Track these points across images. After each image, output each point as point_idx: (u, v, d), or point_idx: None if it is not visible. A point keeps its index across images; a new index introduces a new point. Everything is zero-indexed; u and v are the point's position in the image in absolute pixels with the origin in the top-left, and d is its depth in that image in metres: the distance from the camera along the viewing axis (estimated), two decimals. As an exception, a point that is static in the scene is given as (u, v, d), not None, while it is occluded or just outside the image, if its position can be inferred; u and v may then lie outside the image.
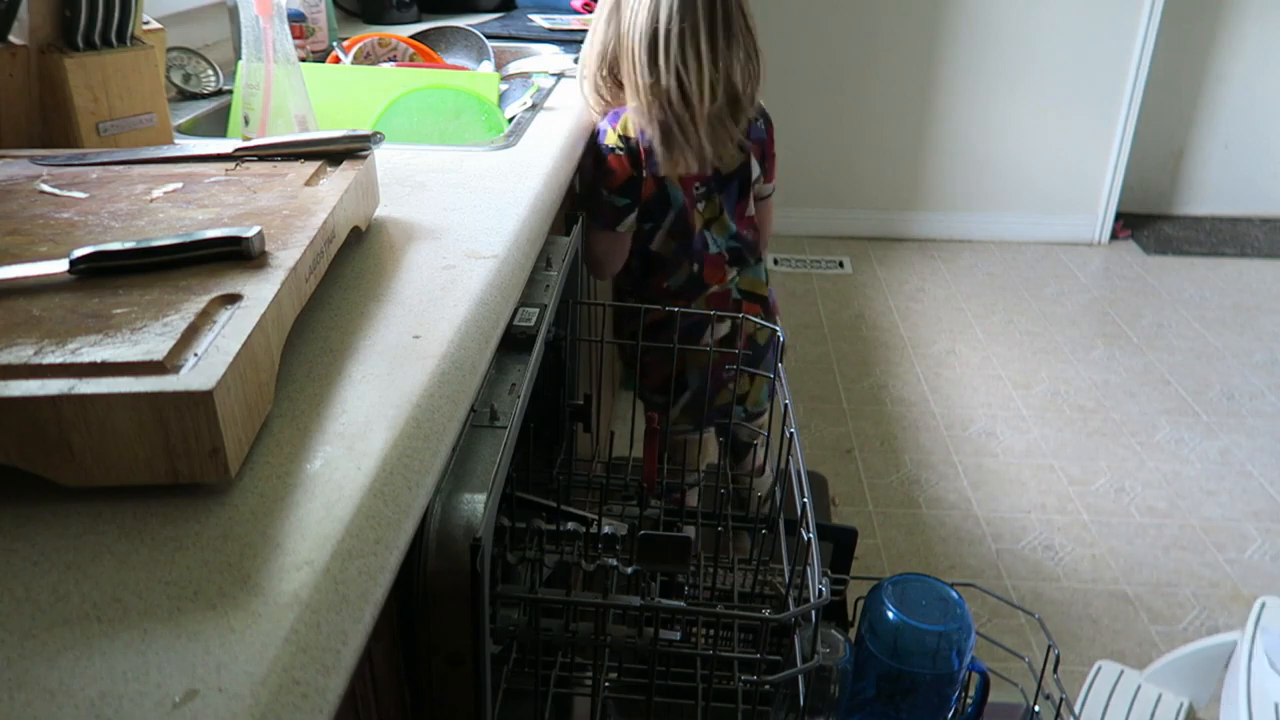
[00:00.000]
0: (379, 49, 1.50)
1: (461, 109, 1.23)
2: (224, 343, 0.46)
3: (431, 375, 0.57)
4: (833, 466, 2.22)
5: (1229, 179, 3.71)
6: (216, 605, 0.39)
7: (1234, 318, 2.99)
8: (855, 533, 1.08)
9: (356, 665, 0.42)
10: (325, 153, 0.75)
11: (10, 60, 0.80)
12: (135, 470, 0.44)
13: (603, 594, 0.64)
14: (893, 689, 0.87)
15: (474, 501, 0.55)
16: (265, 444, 0.49)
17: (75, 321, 0.48)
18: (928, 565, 1.91)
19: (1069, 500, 2.12)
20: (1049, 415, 2.45)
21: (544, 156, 1.04)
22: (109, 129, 0.85)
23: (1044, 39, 3.30)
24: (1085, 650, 1.71)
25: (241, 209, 0.64)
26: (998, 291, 3.17)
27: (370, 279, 0.70)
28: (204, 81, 1.33)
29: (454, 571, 0.53)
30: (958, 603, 0.88)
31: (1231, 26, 3.44)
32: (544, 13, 2.11)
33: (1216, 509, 2.10)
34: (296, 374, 0.56)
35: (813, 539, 0.63)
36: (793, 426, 0.78)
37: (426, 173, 0.95)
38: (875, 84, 3.40)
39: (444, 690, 0.58)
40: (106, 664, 0.36)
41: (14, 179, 0.69)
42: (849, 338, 2.85)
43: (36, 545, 0.42)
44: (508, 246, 0.77)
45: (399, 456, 0.50)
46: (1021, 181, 3.53)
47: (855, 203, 3.58)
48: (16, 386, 0.42)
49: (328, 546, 0.42)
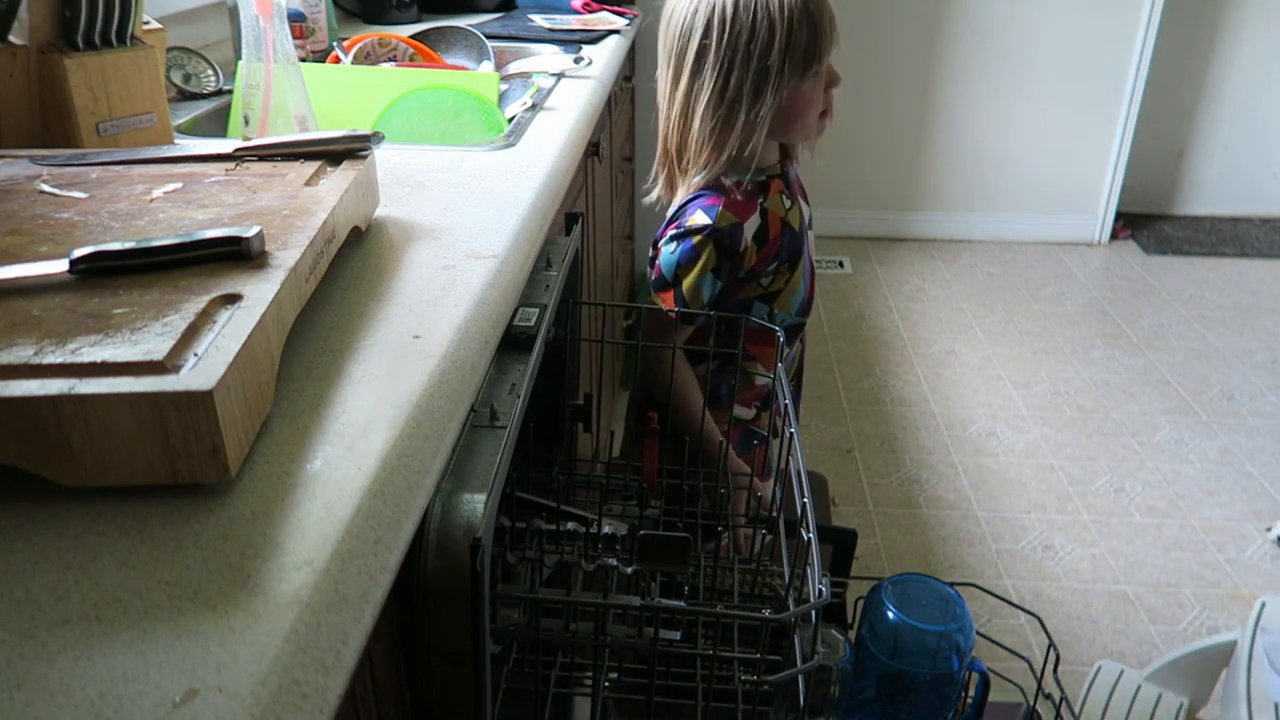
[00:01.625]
0: (379, 49, 1.50)
1: (461, 109, 1.23)
2: (224, 343, 0.46)
3: (431, 375, 0.57)
4: (833, 466, 2.22)
5: (1229, 179, 3.71)
6: (216, 605, 0.39)
7: (1234, 318, 2.99)
8: (855, 534, 1.08)
9: (356, 665, 0.42)
10: (325, 153, 0.75)
11: (10, 60, 0.80)
12: (135, 470, 0.44)
13: (603, 594, 0.64)
14: (893, 689, 0.87)
15: (474, 501, 0.55)
16: (265, 444, 0.49)
17: (75, 321, 0.48)
18: (928, 565, 1.91)
19: (1069, 500, 2.12)
20: (1049, 415, 2.45)
21: (544, 156, 1.04)
22: (109, 129, 0.85)
23: (1044, 39, 3.30)
24: (1085, 650, 1.71)
25: (241, 209, 0.64)
26: (998, 291, 3.17)
27: (370, 279, 0.70)
28: (204, 81, 1.33)
29: (454, 571, 0.53)
30: (958, 603, 0.88)
31: (1231, 27, 3.44)
32: (544, 13, 2.12)
33: (1216, 509, 2.10)
34: (296, 374, 0.56)
35: (813, 539, 0.63)
36: (793, 426, 0.78)
37: (426, 173, 0.95)
38: (875, 84, 3.40)
39: (444, 690, 0.58)
40: (106, 664, 0.36)
41: (14, 179, 0.69)
42: (849, 338, 2.85)
43: (36, 545, 0.42)
44: (508, 246, 0.77)
45: (399, 456, 0.50)
46: (1021, 181, 3.53)
47: (855, 203, 3.58)
48: (16, 386, 0.42)
49: (328, 546, 0.42)
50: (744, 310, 1.21)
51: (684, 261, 1.14)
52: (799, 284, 1.23)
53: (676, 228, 1.15)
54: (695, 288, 1.14)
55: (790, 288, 1.22)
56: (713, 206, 1.13)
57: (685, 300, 1.15)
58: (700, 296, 1.14)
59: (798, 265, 1.22)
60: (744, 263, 1.16)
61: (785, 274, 1.21)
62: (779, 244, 1.18)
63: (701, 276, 1.13)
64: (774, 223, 1.17)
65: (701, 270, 1.13)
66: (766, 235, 1.17)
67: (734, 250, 1.14)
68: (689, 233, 1.13)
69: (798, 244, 1.22)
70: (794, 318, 1.26)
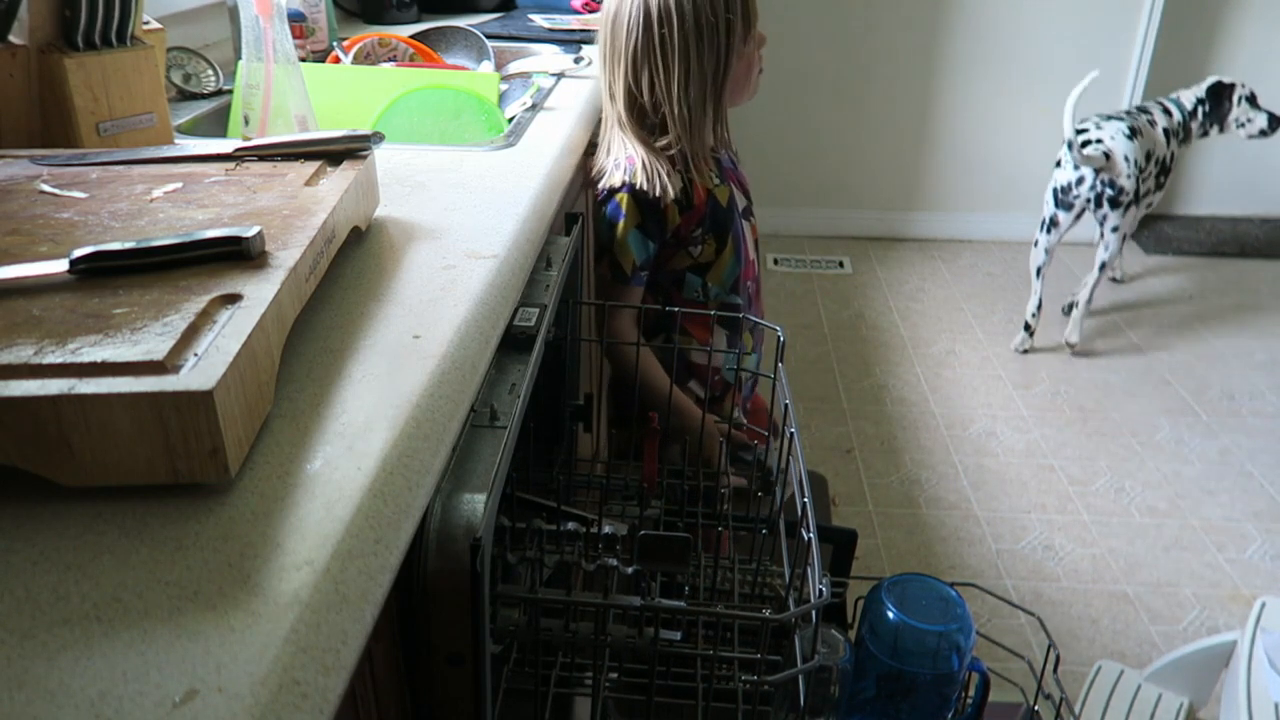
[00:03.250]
0: (379, 49, 1.50)
1: (461, 109, 1.23)
2: (224, 343, 0.46)
3: (431, 375, 0.57)
4: (833, 466, 2.22)
5: (1229, 179, 3.71)
6: (216, 605, 0.39)
7: (1234, 318, 2.99)
8: (855, 534, 1.08)
9: (356, 665, 0.42)
10: (325, 153, 0.75)
11: (10, 60, 0.80)
12: (135, 470, 0.44)
13: (603, 594, 0.64)
14: (893, 689, 0.87)
15: (474, 501, 0.55)
16: (265, 444, 0.49)
17: (75, 321, 0.48)
18: (928, 565, 1.91)
19: (1069, 500, 2.12)
20: (1049, 415, 2.45)
21: (544, 156, 1.04)
22: (109, 129, 0.84)
23: (1044, 39, 3.30)
24: (1085, 650, 1.71)
25: (241, 209, 0.64)
26: (998, 291, 3.17)
27: (370, 279, 0.70)
28: (204, 81, 1.33)
29: (454, 571, 0.53)
30: (958, 603, 0.88)
31: (1231, 26, 3.44)
32: (544, 13, 2.11)
33: (1216, 509, 2.10)
34: (296, 374, 0.56)
35: (813, 539, 0.63)
36: (793, 426, 0.78)
37: (426, 173, 0.95)
38: (875, 84, 3.40)
39: (444, 690, 0.58)
40: (106, 664, 0.36)
41: (14, 179, 0.69)
42: (849, 338, 2.85)
43: (36, 545, 0.42)
44: (508, 246, 0.77)
45: (399, 456, 0.50)
46: (1021, 181, 3.52)
47: (855, 203, 3.58)
48: (16, 386, 0.42)
49: (328, 546, 0.42)
50: (678, 282, 1.29)
51: (612, 221, 1.22)
52: (729, 258, 1.30)
53: (600, 194, 1.23)
54: (624, 244, 1.21)
55: (721, 261, 1.29)
56: (629, 165, 1.22)
57: (616, 261, 1.22)
58: (630, 253, 1.22)
59: (726, 240, 1.29)
60: (668, 221, 1.23)
61: (713, 244, 1.28)
62: (703, 211, 1.25)
63: (627, 232, 1.21)
64: (698, 191, 1.25)
65: (626, 226, 1.21)
66: (690, 200, 1.24)
67: (654, 206, 1.21)
68: (611, 193, 1.22)
69: (725, 220, 1.28)
70: (728, 295, 1.32)
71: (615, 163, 1.24)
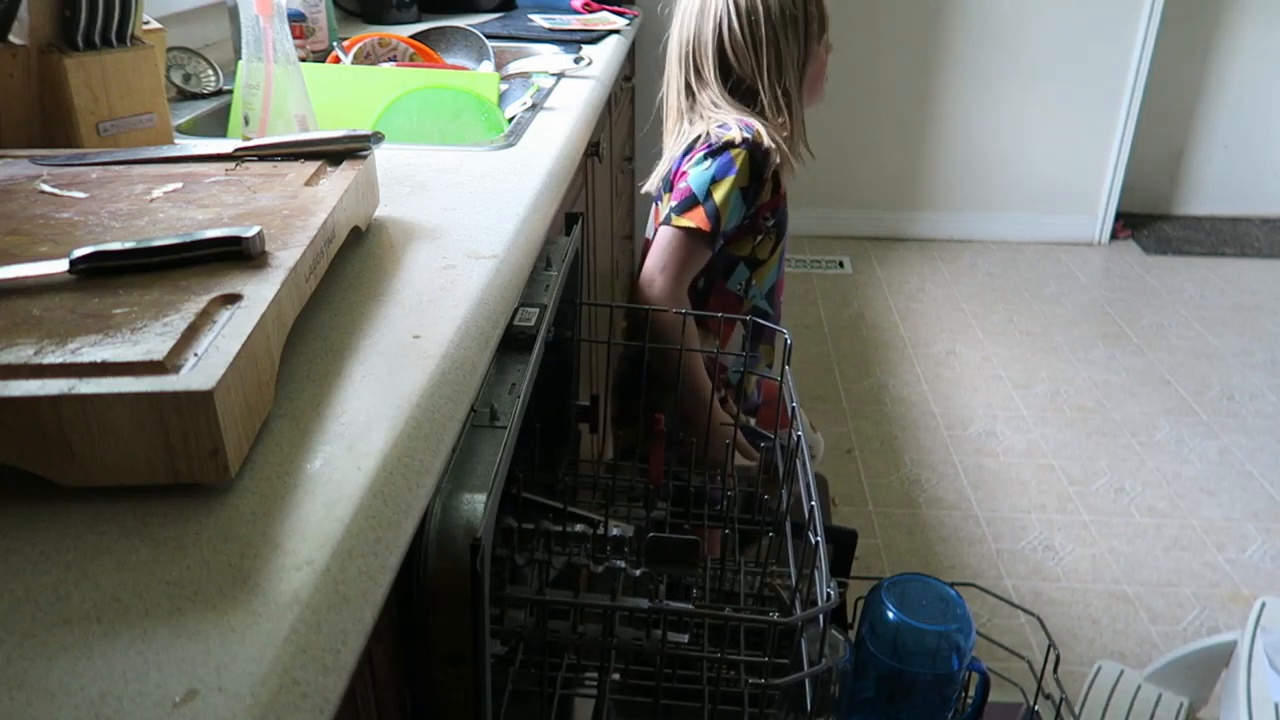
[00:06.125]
0: (379, 49, 1.50)
1: (461, 109, 1.23)
2: (224, 343, 0.46)
3: (431, 375, 0.57)
4: (833, 466, 2.22)
5: (1229, 179, 3.71)
6: (216, 605, 0.39)
7: (1234, 318, 2.99)
8: (855, 534, 1.08)
9: (356, 665, 0.42)
10: (325, 153, 0.75)
11: (10, 60, 0.80)
12: (135, 470, 0.44)
13: (611, 596, 0.64)
14: (893, 689, 0.87)
15: (474, 501, 0.55)
16: (265, 444, 0.49)
17: (75, 321, 0.48)
18: (928, 565, 1.91)
19: (1069, 500, 2.12)
20: (1049, 415, 2.45)
21: (544, 157, 1.04)
22: (109, 129, 0.84)
23: (1044, 39, 3.30)
24: (1085, 650, 1.71)
25: (241, 209, 0.64)
26: (998, 291, 3.17)
27: (370, 279, 0.70)
28: (204, 81, 1.33)
29: (454, 571, 0.53)
30: (958, 603, 0.88)
31: (1231, 27, 3.44)
32: (544, 13, 2.11)
33: (1216, 509, 2.10)
34: (296, 374, 0.56)
35: (820, 543, 0.62)
36: (799, 430, 0.78)
37: (426, 173, 0.95)
38: (875, 84, 3.40)
39: (444, 691, 0.57)
40: (106, 664, 0.36)
41: (14, 179, 0.69)
42: (849, 338, 2.85)
43: (36, 545, 0.42)
44: (508, 246, 0.77)
45: (399, 456, 0.50)
46: (1021, 181, 3.53)
47: (855, 203, 3.58)
48: (16, 386, 0.42)
49: (328, 546, 0.42)
50: (729, 270, 1.26)
51: (719, 176, 1.17)
52: (775, 263, 1.28)
53: (708, 147, 1.19)
54: (726, 200, 1.17)
55: (769, 263, 1.28)
56: (749, 126, 1.18)
57: (717, 213, 1.17)
58: (728, 212, 1.17)
59: (781, 241, 1.28)
60: (762, 194, 1.20)
61: (772, 240, 1.26)
62: (780, 203, 1.24)
63: (733, 190, 1.17)
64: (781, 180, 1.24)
65: (734, 183, 1.17)
66: (778, 187, 1.23)
67: (762, 173, 1.18)
68: (725, 146, 1.17)
69: (785, 222, 1.28)
70: (763, 301, 1.30)
71: (727, 127, 1.19)
